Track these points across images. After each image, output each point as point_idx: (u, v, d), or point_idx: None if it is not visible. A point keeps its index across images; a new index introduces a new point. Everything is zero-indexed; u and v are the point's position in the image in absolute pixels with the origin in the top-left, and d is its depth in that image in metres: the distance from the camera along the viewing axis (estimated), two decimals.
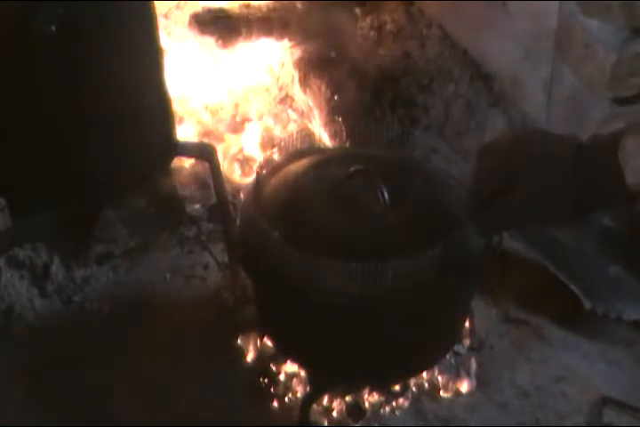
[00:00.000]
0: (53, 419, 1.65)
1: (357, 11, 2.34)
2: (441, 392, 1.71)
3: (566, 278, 1.80)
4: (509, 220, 1.35)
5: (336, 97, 2.10)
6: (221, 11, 2.20)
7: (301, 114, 2.16)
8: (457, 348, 1.71)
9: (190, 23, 2.19)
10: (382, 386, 1.66)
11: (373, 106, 2.12)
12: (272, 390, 1.69)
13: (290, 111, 2.17)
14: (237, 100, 2.17)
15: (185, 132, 2.05)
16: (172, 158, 1.86)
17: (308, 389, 1.65)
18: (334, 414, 1.66)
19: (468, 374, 1.72)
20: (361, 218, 1.48)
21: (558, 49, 1.97)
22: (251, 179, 1.97)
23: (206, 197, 1.96)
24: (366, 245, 1.45)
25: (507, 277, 1.86)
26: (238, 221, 1.57)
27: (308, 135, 2.06)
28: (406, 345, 1.55)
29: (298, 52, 2.20)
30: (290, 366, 1.69)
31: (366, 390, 1.67)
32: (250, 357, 1.74)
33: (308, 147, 1.67)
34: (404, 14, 2.34)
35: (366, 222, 1.47)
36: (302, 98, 2.17)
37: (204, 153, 1.90)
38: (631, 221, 1.88)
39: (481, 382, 1.73)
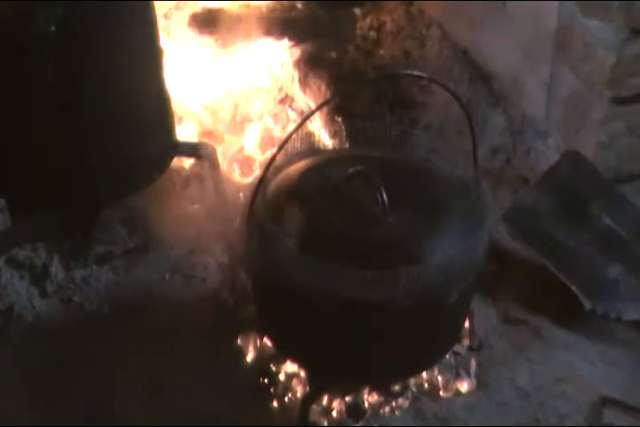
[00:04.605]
0: (53, 419, 1.65)
1: (357, 11, 2.34)
2: (441, 392, 1.71)
3: (566, 278, 1.80)
4: None
5: (336, 97, 2.10)
6: (221, 11, 2.20)
7: (301, 114, 2.16)
8: (457, 348, 1.70)
9: (190, 23, 2.19)
10: (382, 386, 1.66)
11: (373, 106, 2.12)
12: (272, 390, 1.69)
13: (289, 111, 2.17)
14: (237, 101, 2.17)
15: (185, 132, 2.05)
16: (172, 158, 1.86)
17: (307, 389, 1.65)
18: (334, 414, 1.66)
19: (468, 374, 1.72)
20: (361, 220, 1.48)
21: (558, 49, 1.97)
22: (251, 179, 1.98)
23: (206, 197, 1.96)
24: (366, 248, 1.45)
25: (507, 277, 1.86)
26: (238, 222, 1.57)
27: (307, 135, 2.07)
28: (406, 345, 1.55)
29: (298, 52, 2.20)
30: (290, 366, 1.69)
31: (366, 390, 1.67)
32: (250, 357, 1.73)
33: (307, 147, 1.67)
34: (404, 14, 2.34)
35: (367, 224, 1.47)
36: (302, 98, 2.17)
37: (204, 153, 1.91)
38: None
39: (481, 382, 1.73)
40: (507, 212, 1.86)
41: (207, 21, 2.17)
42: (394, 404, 1.68)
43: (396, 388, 1.68)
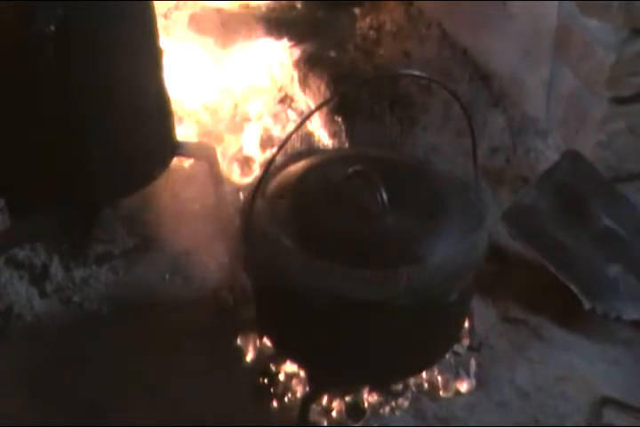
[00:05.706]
0: (53, 419, 1.65)
1: (357, 11, 2.34)
2: (440, 392, 1.71)
3: (566, 278, 1.80)
4: None
5: (336, 97, 2.10)
6: (221, 11, 2.20)
7: (301, 114, 2.16)
8: (457, 348, 1.70)
9: (190, 23, 2.19)
10: (382, 386, 1.66)
11: (373, 106, 2.12)
12: (272, 390, 1.69)
13: (289, 111, 2.17)
14: (237, 101, 2.17)
15: (185, 132, 2.05)
16: (172, 158, 1.86)
17: (307, 389, 1.65)
18: (334, 414, 1.66)
19: (468, 374, 1.72)
20: (361, 220, 1.48)
21: (558, 49, 1.97)
22: (250, 179, 1.98)
23: (206, 197, 1.96)
24: (366, 248, 1.45)
25: (507, 277, 1.86)
26: (238, 222, 1.57)
27: (307, 135, 2.07)
28: (406, 345, 1.55)
29: (297, 52, 2.20)
30: (289, 366, 1.69)
31: (366, 390, 1.67)
32: (249, 357, 1.73)
33: (307, 147, 1.66)
34: (404, 14, 2.34)
35: (366, 224, 1.47)
36: (302, 98, 2.17)
37: (204, 153, 1.91)
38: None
39: (480, 382, 1.73)
40: (506, 211, 1.86)
41: (207, 21, 2.17)
42: (394, 404, 1.68)
43: (396, 388, 1.68)
